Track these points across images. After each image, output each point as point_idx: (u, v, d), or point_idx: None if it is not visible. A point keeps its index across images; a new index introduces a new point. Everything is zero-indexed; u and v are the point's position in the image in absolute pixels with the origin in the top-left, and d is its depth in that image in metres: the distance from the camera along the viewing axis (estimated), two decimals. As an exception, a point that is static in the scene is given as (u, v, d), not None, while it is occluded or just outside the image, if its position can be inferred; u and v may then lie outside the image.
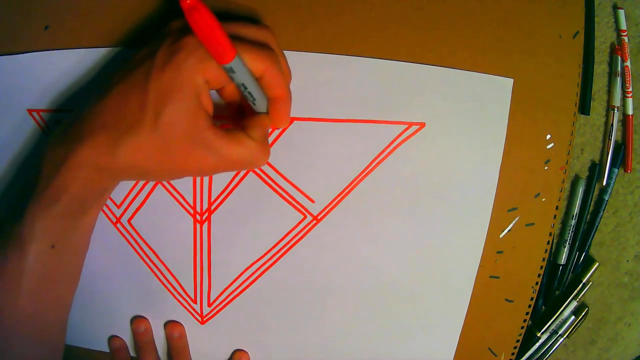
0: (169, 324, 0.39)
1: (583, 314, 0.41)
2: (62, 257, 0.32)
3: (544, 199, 0.36)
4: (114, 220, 0.38)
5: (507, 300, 0.38)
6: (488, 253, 0.37)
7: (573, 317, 0.41)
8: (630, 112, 0.38)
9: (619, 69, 0.38)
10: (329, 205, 0.36)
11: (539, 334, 0.41)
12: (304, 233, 0.37)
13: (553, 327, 0.41)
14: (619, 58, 0.38)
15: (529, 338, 0.42)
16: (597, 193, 0.40)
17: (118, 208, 0.37)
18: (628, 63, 0.38)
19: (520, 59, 0.35)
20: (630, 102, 0.38)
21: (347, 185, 0.36)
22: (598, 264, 0.40)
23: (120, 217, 0.37)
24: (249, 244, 0.37)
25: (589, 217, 0.40)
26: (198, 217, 0.37)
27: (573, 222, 0.40)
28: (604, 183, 0.39)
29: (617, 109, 0.38)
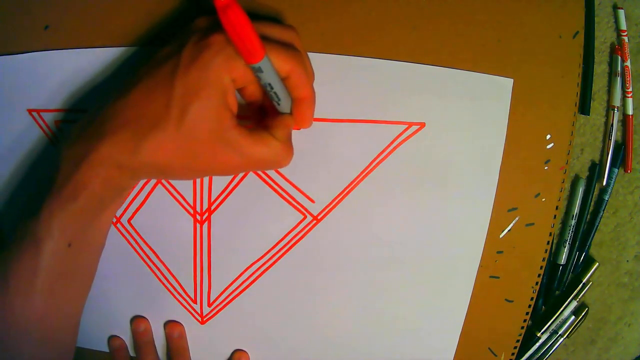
0: (169, 324, 0.39)
1: (583, 314, 0.41)
2: (78, 255, 0.31)
3: (544, 199, 0.36)
4: (114, 220, 0.38)
5: (507, 300, 0.38)
6: (488, 253, 0.37)
7: (573, 317, 0.41)
8: (630, 112, 0.38)
9: (619, 69, 0.38)
10: (329, 205, 0.36)
11: (539, 334, 0.41)
12: (304, 233, 0.37)
13: (553, 327, 0.41)
14: (619, 58, 0.38)
15: (529, 338, 0.42)
16: (597, 193, 0.40)
17: (118, 208, 0.37)
18: (628, 63, 0.38)
19: (520, 59, 0.35)
20: (630, 102, 0.38)
21: (347, 185, 0.36)
22: (598, 264, 0.40)
23: (120, 217, 0.37)
24: (249, 244, 0.37)
25: (589, 217, 0.40)
26: (198, 217, 0.37)
27: (573, 222, 0.40)
28: (604, 183, 0.39)
29: (617, 109, 0.38)
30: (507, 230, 0.37)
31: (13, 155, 0.37)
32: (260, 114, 0.32)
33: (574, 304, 0.41)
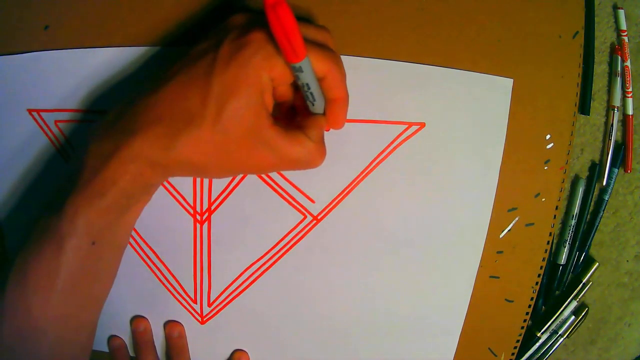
0: (169, 324, 0.39)
1: (583, 314, 0.41)
2: (101, 254, 0.30)
3: (544, 199, 0.36)
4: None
5: (507, 300, 0.38)
6: (488, 253, 0.37)
7: (573, 317, 0.41)
8: (630, 112, 0.38)
9: (619, 69, 0.38)
10: (329, 205, 0.36)
11: (539, 334, 0.41)
12: (304, 233, 0.37)
13: (553, 327, 0.41)
14: (619, 58, 0.38)
15: (529, 338, 0.42)
16: (597, 193, 0.40)
17: (118, 208, 0.37)
18: (628, 63, 0.38)
19: (520, 59, 0.35)
20: (630, 102, 0.38)
21: (347, 185, 0.36)
22: (598, 264, 0.40)
23: (120, 217, 0.37)
24: (249, 244, 0.37)
25: (589, 217, 0.40)
26: (198, 217, 0.37)
27: (573, 222, 0.40)
28: (604, 183, 0.39)
29: (617, 109, 0.38)
30: (507, 230, 0.37)
31: (13, 155, 0.37)
32: (289, 115, 0.32)
33: (574, 304, 0.41)
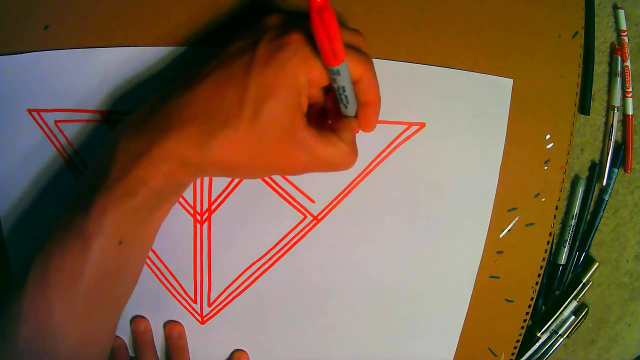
0: (168, 324, 0.39)
1: (583, 314, 0.41)
2: (128, 254, 0.30)
3: (544, 199, 0.36)
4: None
5: (507, 300, 0.38)
6: (488, 253, 0.37)
7: (573, 317, 0.41)
8: (630, 112, 0.38)
9: (619, 69, 0.38)
10: (329, 205, 0.36)
11: (539, 334, 0.41)
12: (304, 233, 0.37)
13: (553, 327, 0.41)
14: (619, 58, 0.38)
15: (529, 338, 0.42)
16: (597, 193, 0.40)
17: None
18: (628, 63, 0.38)
19: (520, 59, 0.35)
20: (630, 102, 0.38)
21: (347, 185, 0.36)
22: (598, 264, 0.40)
23: (120, 217, 0.37)
24: (249, 244, 0.37)
25: (589, 217, 0.40)
26: (198, 217, 0.37)
27: (573, 222, 0.40)
28: (604, 183, 0.39)
29: (617, 109, 0.38)
30: (507, 230, 0.37)
31: (13, 156, 0.37)
32: (319, 117, 0.32)
33: (574, 304, 0.41)
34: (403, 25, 0.34)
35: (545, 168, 0.36)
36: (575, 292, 0.41)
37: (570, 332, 0.41)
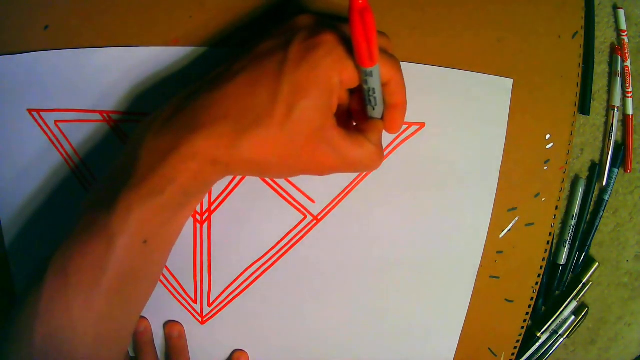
0: (168, 324, 0.39)
1: (583, 314, 0.41)
2: (151, 254, 0.29)
3: (544, 199, 0.36)
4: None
5: (507, 300, 0.38)
6: (488, 253, 0.37)
7: (573, 317, 0.41)
8: (630, 112, 0.38)
9: (619, 69, 0.38)
10: (329, 205, 0.36)
11: (539, 334, 0.41)
12: (304, 233, 0.37)
13: (553, 327, 0.41)
14: (619, 58, 0.38)
15: (529, 338, 0.42)
16: (597, 193, 0.40)
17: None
18: (628, 63, 0.38)
19: (520, 59, 0.35)
20: (630, 102, 0.38)
21: (347, 185, 0.36)
22: (598, 264, 0.40)
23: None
24: (249, 244, 0.37)
25: (589, 217, 0.40)
26: (198, 217, 0.37)
27: (573, 222, 0.40)
28: (604, 183, 0.39)
29: (617, 109, 0.38)
30: (507, 230, 0.37)
31: (13, 155, 0.37)
32: (345, 118, 0.32)
33: (574, 304, 0.41)
34: (403, 26, 0.34)
35: (545, 168, 0.36)
36: (575, 292, 0.41)
37: (570, 332, 0.41)
